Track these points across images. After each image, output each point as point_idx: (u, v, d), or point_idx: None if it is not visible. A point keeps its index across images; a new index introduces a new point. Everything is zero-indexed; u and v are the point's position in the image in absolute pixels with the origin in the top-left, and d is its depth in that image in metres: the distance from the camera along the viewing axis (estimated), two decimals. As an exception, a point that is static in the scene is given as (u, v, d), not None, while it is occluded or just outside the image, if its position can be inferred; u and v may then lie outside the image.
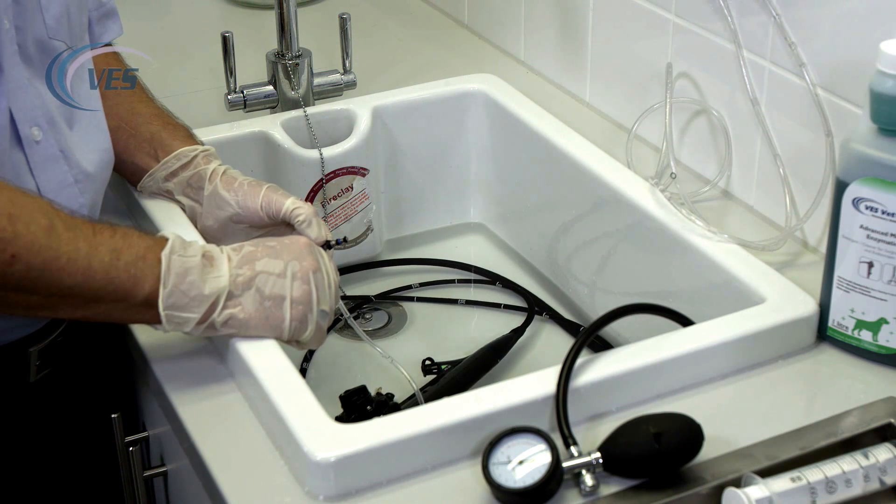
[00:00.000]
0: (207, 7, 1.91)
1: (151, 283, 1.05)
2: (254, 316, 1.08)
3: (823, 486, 0.96)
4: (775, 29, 1.25)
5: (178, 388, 1.12)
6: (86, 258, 1.02)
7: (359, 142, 1.50)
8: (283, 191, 1.26)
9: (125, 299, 1.04)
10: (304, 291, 1.10)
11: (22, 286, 1.01)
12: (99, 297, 1.04)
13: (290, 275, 1.10)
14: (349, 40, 1.54)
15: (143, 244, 1.06)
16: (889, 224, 1.07)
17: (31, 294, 1.02)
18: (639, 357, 1.09)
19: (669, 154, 1.34)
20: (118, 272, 1.04)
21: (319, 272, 1.11)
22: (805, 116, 1.24)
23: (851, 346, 1.14)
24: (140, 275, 1.04)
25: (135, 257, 1.05)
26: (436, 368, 1.35)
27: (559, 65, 1.61)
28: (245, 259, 1.09)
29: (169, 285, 1.05)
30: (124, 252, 1.04)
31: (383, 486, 1.00)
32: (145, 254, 1.05)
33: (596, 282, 1.43)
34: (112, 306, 1.05)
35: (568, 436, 1.00)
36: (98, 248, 1.03)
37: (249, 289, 1.08)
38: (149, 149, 1.28)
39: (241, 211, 1.25)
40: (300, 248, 1.12)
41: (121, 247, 1.04)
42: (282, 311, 1.09)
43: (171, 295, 1.05)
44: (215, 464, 1.03)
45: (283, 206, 1.24)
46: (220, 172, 1.27)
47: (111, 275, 1.03)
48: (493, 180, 1.60)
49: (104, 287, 1.03)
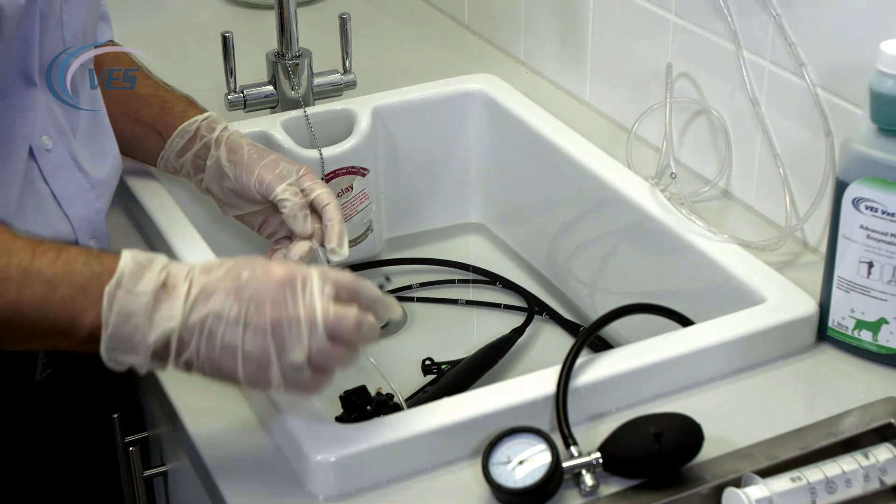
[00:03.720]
0: (207, 7, 1.91)
1: (92, 319, 0.91)
2: (206, 365, 0.93)
3: (823, 486, 0.96)
4: (775, 29, 1.25)
5: (178, 388, 1.12)
6: (15, 294, 0.91)
7: (359, 142, 1.50)
8: (285, 166, 1.24)
9: (66, 335, 0.92)
10: (258, 346, 0.91)
11: None
12: (36, 333, 0.93)
13: (243, 323, 0.91)
14: (349, 40, 1.54)
15: (87, 273, 0.92)
16: (889, 224, 1.07)
17: None
18: (639, 357, 1.09)
19: (669, 154, 1.34)
20: (52, 307, 0.91)
21: (282, 322, 0.91)
22: (805, 116, 1.24)
23: (851, 346, 1.14)
24: (79, 310, 0.91)
25: (74, 290, 0.91)
26: (436, 368, 1.35)
27: (559, 65, 1.61)
28: (204, 293, 0.92)
29: (110, 328, 0.91)
30: (62, 285, 0.91)
31: (383, 486, 1.00)
32: (87, 286, 0.91)
33: (596, 282, 1.43)
34: (56, 340, 0.93)
35: (568, 436, 1.00)
36: (31, 278, 0.91)
37: (201, 332, 0.91)
38: (153, 132, 1.28)
39: (237, 186, 1.24)
40: (269, 287, 0.92)
41: (59, 277, 0.91)
42: (234, 365, 0.92)
43: (113, 339, 0.91)
44: (215, 464, 1.03)
45: (274, 191, 1.21)
46: (224, 139, 1.26)
47: (45, 310, 0.91)
48: (493, 180, 1.60)
49: (39, 322, 0.91)
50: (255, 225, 1.30)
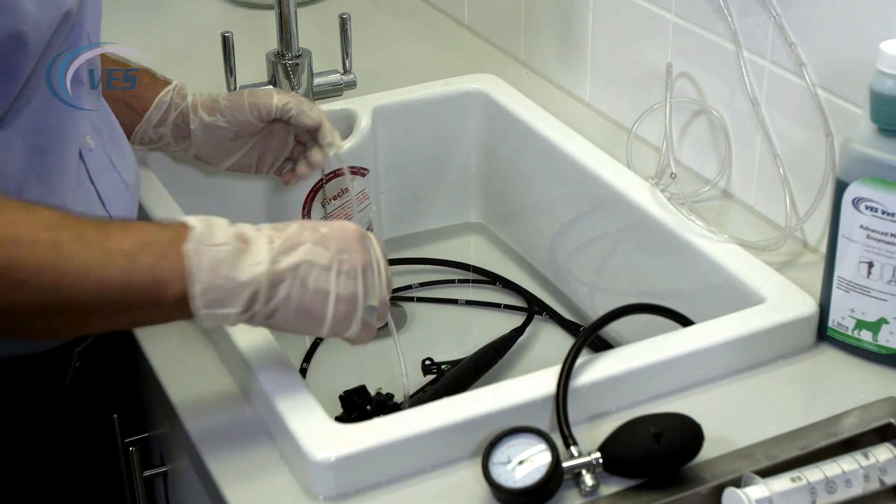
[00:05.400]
0: (207, 7, 1.91)
1: (179, 280, 0.95)
2: (294, 309, 0.99)
3: (823, 486, 0.96)
4: (775, 29, 1.25)
5: (178, 388, 1.12)
6: (98, 270, 0.93)
7: (359, 142, 1.50)
8: (265, 90, 1.32)
9: (155, 304, 0.95)
10: (351, 288, 1.00)
11: (36, 311, 0.93)
12: (124, 307, 0.95)
13: (335, 268, 1.00)
14: (349, 40, 1.54)
15: (162, 240, 0.96)
16: (889, 224, 1.07)
17: (52, 318, 0.95)
18: (639, 357, 1.09)
19: (669, 154, 1.34)
20: (139, 277, 0.94)
21: (370, 267, 1.02)
22: (805, 116, 1.24)
23: (851, 346, 1.14)
24: (164, 276, 0.95)
25: (155, 258, 0.95)
26: (436, 368, 1.35)
27: (559, 65, 1.61)
28: (288, 244, 0.99)
29: (202, 282, 0.95)
30: (142, 254, 0.95)
31: (383, 486, 1.00)
32: (166, 251, 0.95)
33: (596, 282, 1.43)
34: (142, 312, 0.97)
35: (568, 436, 1.00)
36: (111, 255, 0.94)
37: (292, 279, 0.98)
38: (124, 107, 1.30)
39: (234, 128, 1.31)
40: (350, 238, 1.02)
41: (136, 249, 0.95)
42: (324, 307, 0.99)
43: (206, 292, 0.95)
44: (215, 464, 1.03)
45: (271, 105, 1.30)
46: (199, 102, 1.32)
47: (132, 281, 0.94)
48: (493, 180, 1.60)
49: (126, 296, 0.94)
50: (253, 163, 1.37)
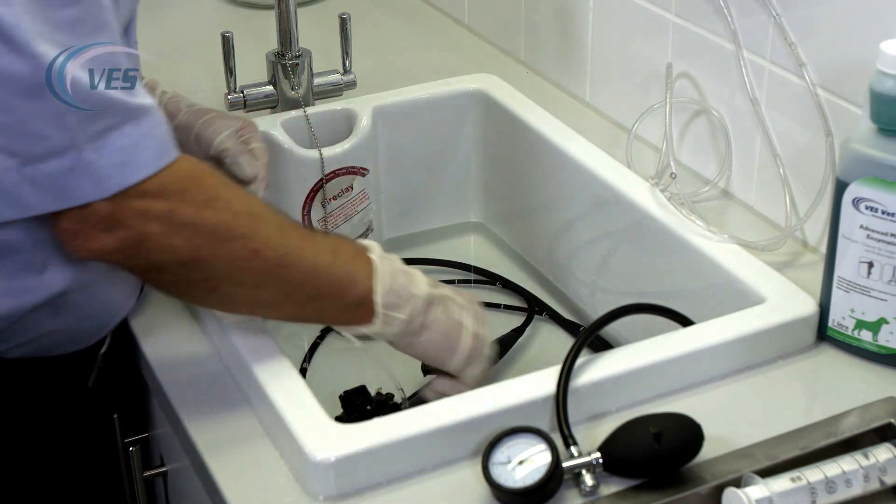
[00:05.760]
0: (207, 7, 1.91)
1: (365, 282, 1.08)
2: (439, 332, 1.13)
3: (823, 486, 0.96)
4: (775, 29, 1.25)
5: (179, 389, 1.12)
6: (311, 255, 1.06)
7: (359, 142, 1.50)
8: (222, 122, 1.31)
9: (341, 297, 1.08)
10: (480, 329, 1.16)
11: (257, 282, 1.04)
12: (319, 295, 1.07)
13: (469, 310, 1.15)
14: (349, 40, 1.54)
15: (350, 247, 1.11)
16: (889, 224, 1.07)
17: (261, 291, 1.05)
18: (639, 357, 1.09)
19: (669, 154, 1.34)
20: (337, 270, 1.07)
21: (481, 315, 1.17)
22: (805, 116, 1.24)
23: (851, 346, 1.14)
24: (355, 274, 1.08)
25: (350, 257, 1.09)
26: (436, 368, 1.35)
27: (559, 65, 1.61)
28: (434, 282, 1.14)
29: (384, 285, 1.09)
30: (341, 251, 1.09)
31: (383, 486, 1.00)
32: (356, 254, 1.10)
33: (596, 282, 1.43)
34: (327, 304, 1.08)
35: (568, 436, 1.00)
36: (320, 246, 1.07)
37: (441, 305, 1.13)
38: None
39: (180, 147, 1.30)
40: (472, 295, 1.18)
41: (337, 248, 1.09)
42: (460, 337, 1.14)
43: (387, 294, 1.09)
44: (215, 464, 1.03)
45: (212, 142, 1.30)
46: (164, 103, 1.32)
47: (332, 272, 1.07)
48: (493, 180, 1.60)
49: (326, 284, 1.07)
50: None
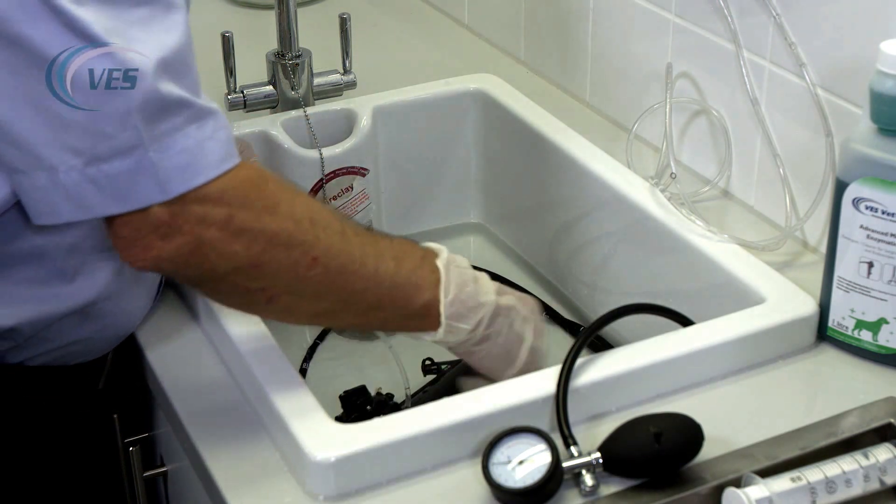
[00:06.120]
0: (207, 7, 1.90)
1: (430, 290, 1.06)
2: (500, 344, 1.10)
3: (823, 486, 0.96)
4: (775, 29, 1.25)
5: (179, 389, 1.12)
6: (374, 263, 1.03)
7: (359, 142, 1.50)
8: None
9: (404, 306, 1.06)
10: (540, 344, 1.13)
11: (317, 291, 1.01)
12: (380, 304, 1.05)
13: (532, 322, 1.12)
14: (349, 40, 1.54)
15: (419, 253, 1.08)
16: (889, 224, 1.07)
17: (321, 300, 1.03)
18: (639, 357, 1.09)
19: (669, 154, 1.34)
20: (401, 279, 1.05)
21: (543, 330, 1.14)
22: (805, 116, 1.24)
23: (851, 346, 1.14)
24: (420, 283, 1.06)
25: (414, 265, 1.06)
26: (436, 368, 1.35)
27: (559, 65, 1.61)
28: (501, 289, 1.11)
29: (451, 294, 1.06)
30: (405, 260, 1.06)
31: (383, 486, 1.00)
32: (422, 262, 1.07)
33: (596, 282, 1.43)
34: (389, 313, 1.06)
35: (568, 436, 1.00)
36: (383, 253, 1.04)
37: (505, 317, 1.10)
38: None
39: None
40: (536, 306, 1.15)
41: (401, 255, 1.06)
42: (519, 351, 1.11)
43: (453, 304, 1.07)
44: (215, 464, 1.03)
45: None
46: None
47: (396, 281, 1.04)
48: (493, 180, 1.60)
49: (388, 293, 1.04)
50: None
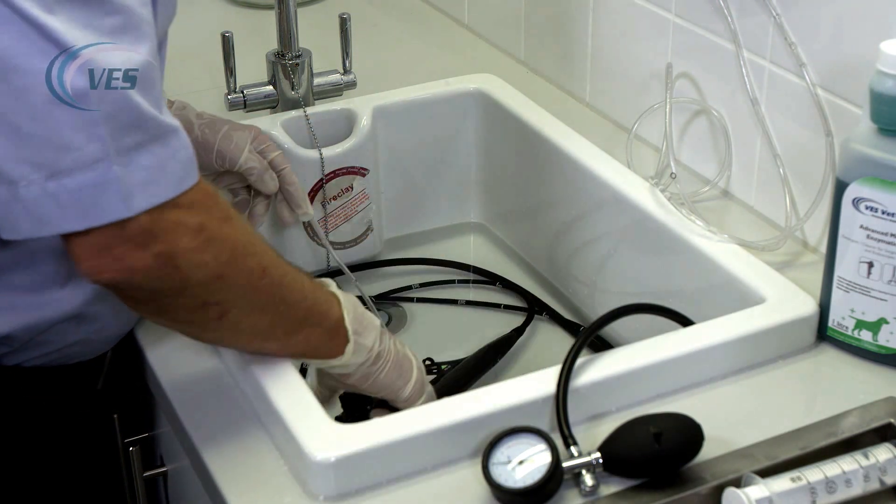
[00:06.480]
0: (207, 7, 1.91)
1: (336, 307, 1.09)
2: (393, 361, 1.14)
3: (823, 486, 0.96)
4: (775, 29, 1.25)
5: (179, 389, 1.12)
6: (299, 279, 1.07)
7: (359, 142, 1.50)
8: (238, 134, 1.32)
9: (321, 322, 1.08)
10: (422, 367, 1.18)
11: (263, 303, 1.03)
12: (307, 317, 1.07)
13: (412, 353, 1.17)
14: (349, 40, 1.54)
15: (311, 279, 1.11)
16: (889, 224, 1.07)
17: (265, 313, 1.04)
18: (639, 357, 1.09)
19: (669, 154, 1.34)
20: (317, 294, 1.08)
21: None
22: (805, 116, 1.24)
23: (851, 346, 1.14)
24: (328, 298, 1.09)
25: (315, 284, 1.10)
26: (436, 368, 1.35)
27: (559, 65, 1.61)
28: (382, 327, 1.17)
29: (351, 312, 1.10)
30: (306, 278, 1.09)
31: (383, 486, 1.00)
32: (320, 285, 1.11)
33: (596, 282, 1.43)
34: (311, 331, 1.08)
35: (568, 436, 1.00)
36: (300, 273, 1.08)
37: (388, 336, 1.15)
38: None
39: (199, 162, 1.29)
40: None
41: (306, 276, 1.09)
42: (411, 368, 1.15)
43: (355, 321, 1.10)
44: (215, 464, 1.03)
45: (237, 162, 1.31)
46: (173, 111, 1.30)
47: (316, 295, 1.08)
48: (493, 180, 1.60)
49: (312, 307, 1.07)
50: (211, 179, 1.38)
